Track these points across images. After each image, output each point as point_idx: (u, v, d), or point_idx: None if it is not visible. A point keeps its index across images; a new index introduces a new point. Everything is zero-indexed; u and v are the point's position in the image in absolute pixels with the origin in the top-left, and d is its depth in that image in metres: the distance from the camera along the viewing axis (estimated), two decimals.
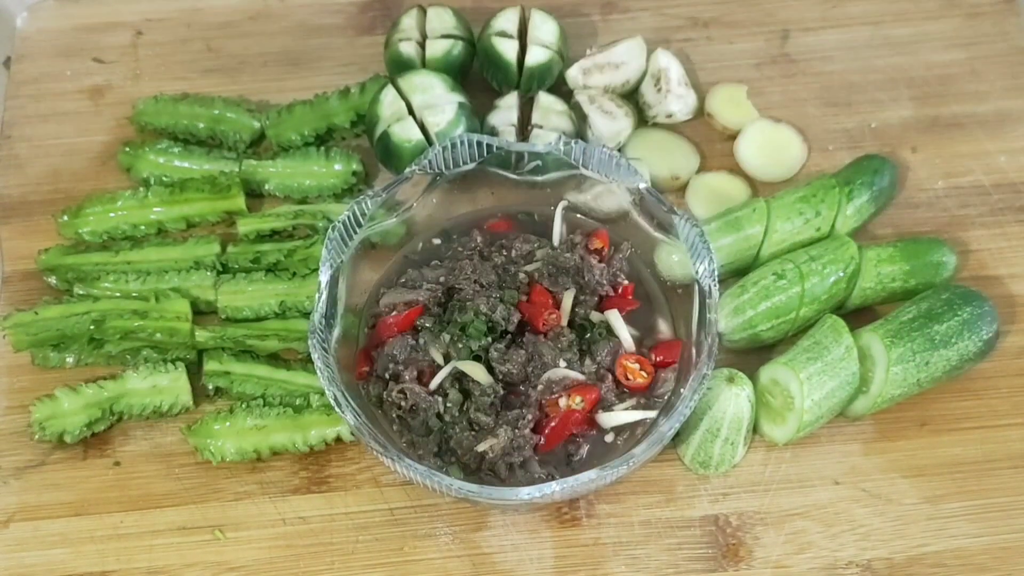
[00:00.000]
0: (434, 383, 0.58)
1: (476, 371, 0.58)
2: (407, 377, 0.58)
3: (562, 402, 0.57)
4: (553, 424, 0.57)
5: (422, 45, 0.71)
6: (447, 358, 0.59)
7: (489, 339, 0.58)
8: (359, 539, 0.59)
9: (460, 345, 0.58)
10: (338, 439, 0.59)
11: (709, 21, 0.77)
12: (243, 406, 0.60)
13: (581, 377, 0.58)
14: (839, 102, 0.73)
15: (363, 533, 0.59)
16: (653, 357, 0.60)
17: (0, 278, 0.67)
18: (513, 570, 0.58)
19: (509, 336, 0.59)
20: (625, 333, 0.59)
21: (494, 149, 0.60)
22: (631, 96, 0.72)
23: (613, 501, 0.59)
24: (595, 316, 0.60)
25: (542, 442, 0.57)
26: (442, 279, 0.60)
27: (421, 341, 0.59)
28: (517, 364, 0.58)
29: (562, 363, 0.58)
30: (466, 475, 0.56)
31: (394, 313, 0.60)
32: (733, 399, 0.57)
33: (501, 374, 0.58)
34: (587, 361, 0.59)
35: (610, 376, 0.59)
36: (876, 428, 0.61)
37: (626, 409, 0.58)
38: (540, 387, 0.57)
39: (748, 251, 0.64)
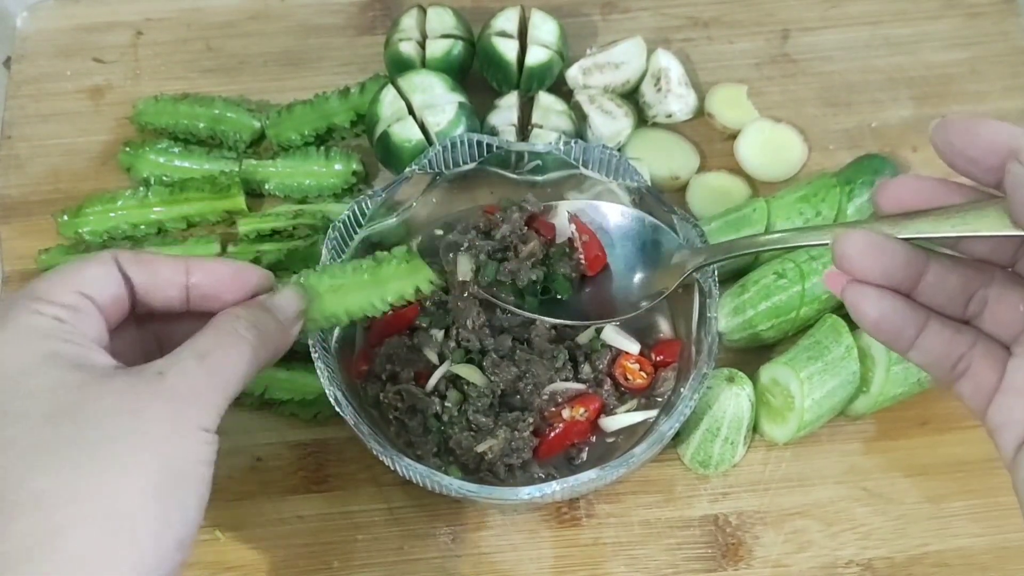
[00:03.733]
0: (430, 384, 0.58)
1: (471, 373, 0.57)
2: (403, 378, 0.58)
3: (565, 413, 0.57)
4: (556, 432, 0.57)
5: (422, 45, 0.71)
6: (442, 358, 0.58)
7: (491, 339, 0.58)
8: (358, 538, 0.59)
9: (454, 344, 0.58)
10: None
11: (709, 21, 0.77)
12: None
13: (582, 387, 0.58)
14: (839, 102, 0.73)
15: (362, 532, 0.59)
16: (653, 357, 0.60)
17: (0, 278, 0.68)
18: (513, 570, 0.58)
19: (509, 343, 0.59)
20: (627, 342, 0.59)
21: (494, 149, 0.60)
22: (631, 96, 0.72)
23: (613, 501, 0.59)
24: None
25: (543, 448, 0.57)
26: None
27: (416, 341, 0.59)
28: (508, 381, 0.57)
29: (558, 380, 0.58)
30: (466, 475, 0.56)
31: (390, 312, 0.59)
32: (733, 399, 0.57)
33: (496, 382, 0.58)
34: (586, 368, 0.59)
35: (609, 380, 0.59)
36: (877, 427, 0.61)
37: (627, 411, 0.58)
38: (545, 397, 0.57)
39: None
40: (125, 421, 0.36)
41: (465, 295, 0.58)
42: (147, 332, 0.45)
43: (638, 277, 0.58)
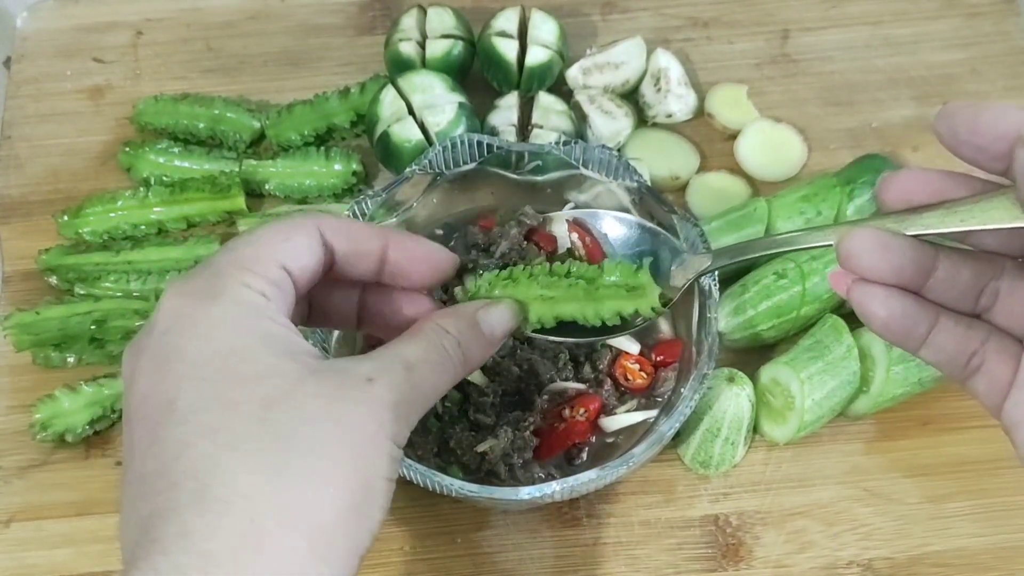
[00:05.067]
0: None
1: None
2: None
3: (565, 413, 0.57)
4: (556, 433, 0.57)
5: (422, 45, 0.71)
6: None
7: None
8: None
9: None
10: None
11: (709, 21, 0.77)
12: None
13: (582, 387, 0.58)
14: (840, 102, 0.73)
15: None
16: (653, 357, 0.60)
17: (0, 278, 0.68)
18: (513, 570, 0.58)
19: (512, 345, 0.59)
20: (627, 342, 0.59)
21: (494, 149, 0.60)
22: (631, 96, 0.72)
23: (613, 501, 0.59)
24: None
25: (543, 448, 0.57)
26: None
27: None
28: (509, 380, 0.57)
29: (559, 379, 0.58)
30: (466, 475, 0.56)
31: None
32: (733, 399, 0.57)
33: (497, 381, 0.58)
34: (587, 368, 0.59)
35: (609, 380, 0.59)
36: (878, 428, 0.61)
37: (627, 411, 0.58)
38: (546, 397, 0.57)
39: None
40: (332, 429, 0.34)
41: None
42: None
43: None
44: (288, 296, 0.37)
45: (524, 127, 0.68)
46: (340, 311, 0.43)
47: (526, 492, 0.51)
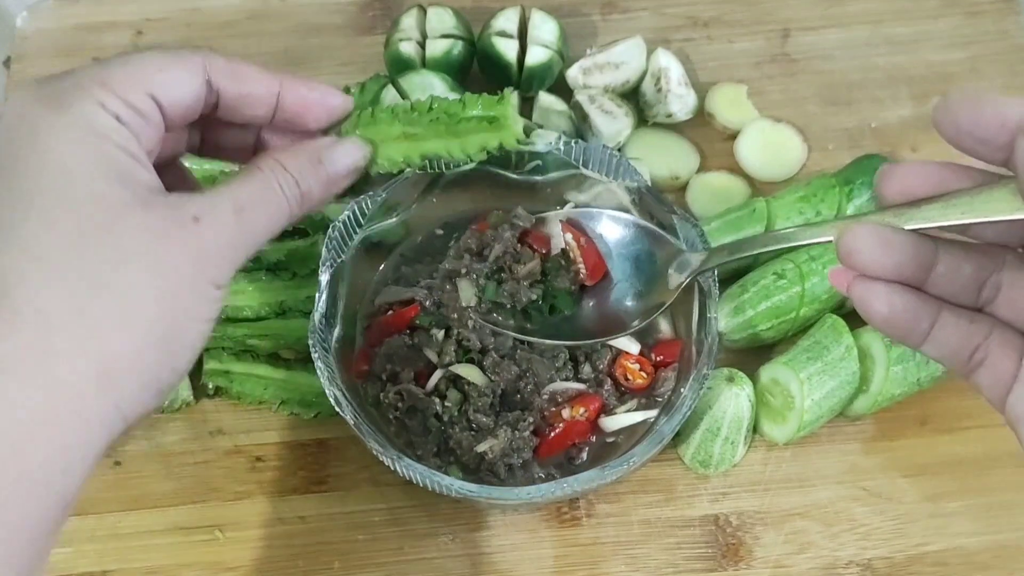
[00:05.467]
0: (430, 384, 0.58)
1: (470, 373, 0.57)
2: (404, 378, 0.58)
3: (565, 413, 0.57)
4: (556, 432, 0.57)
5: (422, 45, 0.71)
6: (443, 357, 0.58)
7: (491, 338, 0.58)
8: (358, 539, 0.59)
9: (454, 348, 0.58)
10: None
11: (709, 21, 0.77)
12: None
13: (582, 387, 0.58)
14: (839, 101, 0.73)
15: (362, 532, 0.59)
16: (653, 357, 0.60)
17: None
18: (512, 569, 0.58)
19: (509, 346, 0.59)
20: (627, 342, 0.59)
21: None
22: (631, 96, 0.72)
23: (613, 501, 0.59)
24: None
25: (543, 448, 0.57)
26: (435, 275, 0.60)
27: (416, 341, 0.59)
28: (508, 380, 0.57)
29: (559, 379, 0.58)
30: (466, 475, 0.56)
31: (390, 312, 0.60)
32: (733, 399, 0.57)
33: (496, 382, 0.58)
34: (586, 368, 0.59)
35: (609, 380, 0.59)
36: (876, 427, 0.61)
37: (627, 411, 0.58)
38: (545, 397, 0.57)
39: None
40: (146, 265, 0.34)
41: (469, 322, 0.58)
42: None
43: (639, 284, 0.57)
44: (153, 127, 0.36)
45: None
46: (235, 145, 0.43)
47: (526, 492, 0.51)
